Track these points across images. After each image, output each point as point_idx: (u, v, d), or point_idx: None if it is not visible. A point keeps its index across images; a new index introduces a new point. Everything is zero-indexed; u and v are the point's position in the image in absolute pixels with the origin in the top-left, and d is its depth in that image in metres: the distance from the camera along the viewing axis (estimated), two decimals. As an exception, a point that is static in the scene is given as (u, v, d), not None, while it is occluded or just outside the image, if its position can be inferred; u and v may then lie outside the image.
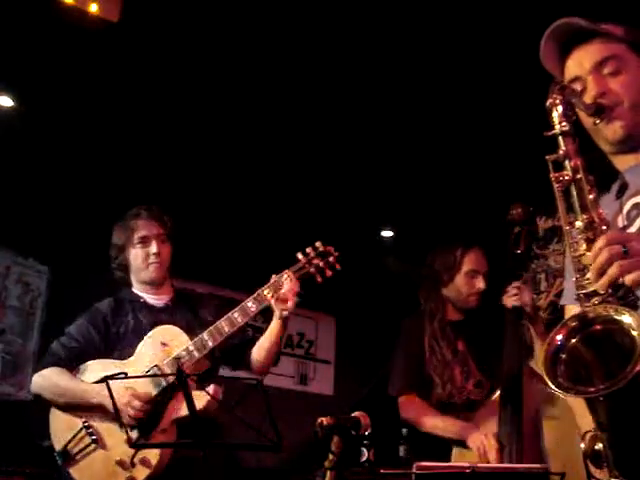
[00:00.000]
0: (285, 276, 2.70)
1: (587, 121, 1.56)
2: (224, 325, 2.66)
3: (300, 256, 2.74)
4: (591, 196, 1.42)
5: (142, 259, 2.87)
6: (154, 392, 2.63)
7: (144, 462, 2.54)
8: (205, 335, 2.66)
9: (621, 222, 1.56)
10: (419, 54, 3.95)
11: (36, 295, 5.67)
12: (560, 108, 1.48)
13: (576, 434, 2.07)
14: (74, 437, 2.64)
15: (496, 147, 4.69)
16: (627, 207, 1.57)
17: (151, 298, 2.93)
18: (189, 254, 3.36)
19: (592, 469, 1.31)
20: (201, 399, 2.40)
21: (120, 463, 2.56)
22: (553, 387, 1.28)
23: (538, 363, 1.29)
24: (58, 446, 2.68)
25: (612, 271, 1.25)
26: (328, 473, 1.89)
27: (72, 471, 2.64)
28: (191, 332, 2.73)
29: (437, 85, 4.20)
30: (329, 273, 2.74)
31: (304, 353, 7.17)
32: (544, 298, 5.40)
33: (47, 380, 2.76)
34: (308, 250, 2.74)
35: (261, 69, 4.13)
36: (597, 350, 1.31)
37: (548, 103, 1.49)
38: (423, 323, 3.02)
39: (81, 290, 5.81)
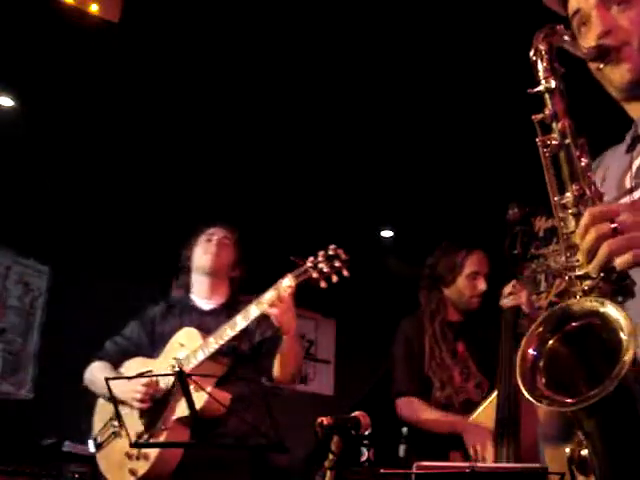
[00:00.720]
0: (286, 280, 2.64)
1: (591, 65, 1.35)
2: (227, 327, 2.69)
3: (308, 260, 2.62)
4: (582, 163, 1.23)
5: (202, 251, 2.99)
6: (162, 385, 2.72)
7: (145, 456, 2.63)
8: (211, 338, 2.70)
9: (628, 182, 1.36)
10: (419, 58, 3.96)
11: (36, 295, 5.68)
12: (546, 60, 1.27)
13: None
14: (103, 427, 2.83)
15: (495, 147, 4.69)
16: (637, 163, 1.36)
17: (201, 302, 3.01)
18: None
19: (577, 476, 1.23)
20: (201, 399, 2.43)
21: (127, 455, 2.68)
22: (531, 398, 1.11)
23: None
24: (93, 434, 2.88)
25: (601, 253, 1.08)
26: (328, 473, 1.89)
27: (98, 458, 2.83)
28: None
29: (436, 86, 4.20)
30: (335, 279, 2.59)
31: (304, 353, 7.17)
32: (544, 298, 5.40)
33: (89, 373, 2.97)
34: (318, 253, 2.62)
35: (261, 69, 4.13)
36: (579, 348, 1.15)
37: (532, 54, 1.29)
38: (422, 324, 3.02)
39: (81, 290, 5.83)
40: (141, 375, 2.71)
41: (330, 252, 2.60)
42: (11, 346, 5.46)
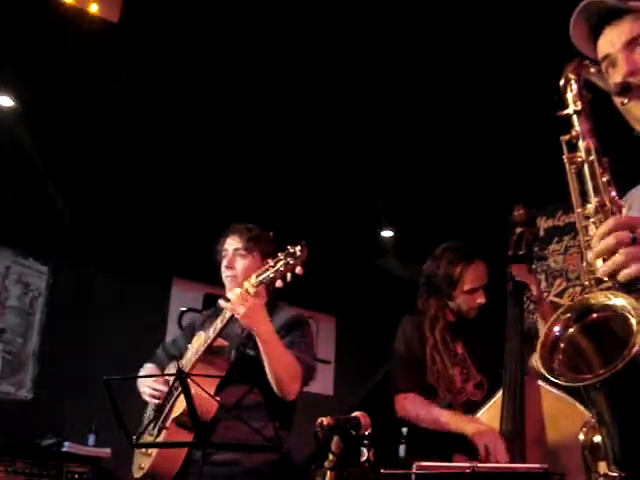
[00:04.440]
0: (249, 280, 2.60)
1: (616, 99, 1.49)
2: (211, 329, 2.73)
3: (270, 260, 2.56)
4: (604, 178, 1.37)
5: (222, 270, 2.95)
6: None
7: (148, 453, 2.72)
8: (210, 328, 2.75)
9: None
10: (421, 57, 3.95)
11: (36, 295, 5.68)
12: (575, 87, 1.46)
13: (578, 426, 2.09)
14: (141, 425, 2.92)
15: (496, 147, 4.69)
16: None
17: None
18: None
19: (590, 460, 1.29)
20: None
21: (141, 452, 2.80)
22: (546, 374, 1.23)
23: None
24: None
25: (617, 258, 1.18)
26: (328, 473, 1.89)
27: (135, 454, 2.90)
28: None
29: (437, 84, 4.20)
30: (289, 277, 2.50)
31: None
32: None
33: (139, 373, 3.05)
34: (280, 254, 2.54)
35: (260, 68, 4.13)
36: (596, 339, 1.26)
37: (562, 81, 1.47)
38: (424, 325, 3.00)
39: (81, 290, 5.84)
40: (141, 376, 2.79)
41: (290, 250, 2.52)
42: (11, 346, 5.46)
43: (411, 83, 4.20)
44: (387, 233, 6.33)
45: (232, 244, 2.95)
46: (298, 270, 2.48)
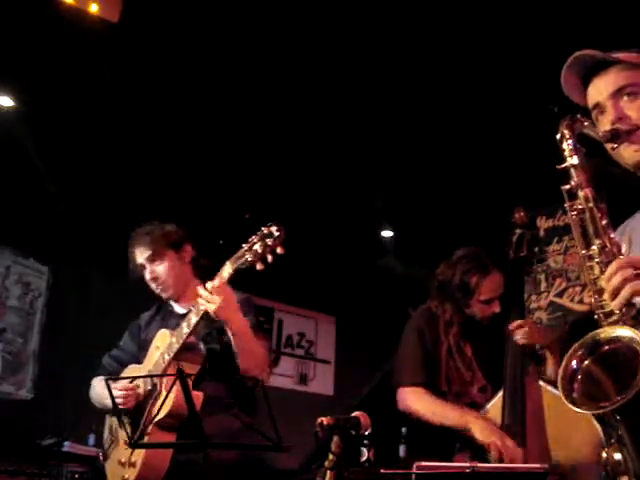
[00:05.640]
0: (224, 269, 2.52)
1: (607, 145, 1.64)
2: (184, 325, 2.63)
3: (244, 244, 2.45)
4: (603, 222, 1.53)
5: (151, 286, 2.92)
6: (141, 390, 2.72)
7: (132, 463, 2.60)
8: (173, 338, 2.66)
9: None
10: (422, 56, 3.96)
11: (36, 295, 5.68)
12: (570, 142, 1.59)
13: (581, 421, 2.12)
14: (108, 438, 2.84)
15: (495, 148, 4.69)
16: None
17: (177, 306, 2.98)
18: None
19: (612, 475, 1.41)
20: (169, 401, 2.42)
21: (120, 463, 2.67)
22: (567, 403, 1.39)
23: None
24: (105, 446, 2.85)
25: (625, 292, 1.37)
26: (328, 473, 1.89)
27: (106, 466, 2.80)
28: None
29: (438, 85, 4.20)
30: (269, 259, 2.37)
31: (304, 353, 7.17)
32: (544, 298, 5.41)
33: (92, 389, 2.97)
34: (253, 236, 2.43)
35: (261, 68, 4.13)
36: (610, 369, 1.41)
37: (558, 136, 1.61)
38: (435, 317, 2.97)
39: (81, 290, 5.83)
40: (139, 376, 2.70)
41: (265, 231, 2.40)
42: (11, 346, 5.46)
43: (412, 83, 4.20)
44: (387, 233, 6.33)
45: (142, 255, 2.89)
46: (279, 250, 2.36)
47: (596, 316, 1.48)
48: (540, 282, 5.41)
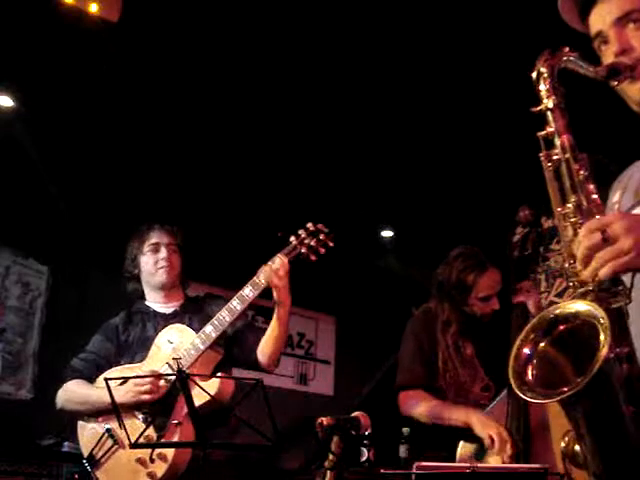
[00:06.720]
0: (277, 259, 2.71)
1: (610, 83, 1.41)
2: (225, 315, 2.71)
3: (292, 238, 2.73)
4: (581, 176, 1.31)
5: (152, 264, 2.97)
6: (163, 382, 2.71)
7: (162, 457, 2.59)
8: (208, 327, 2.72)
9: None
10: (422, 55, 3.96)
11: (36, 295, 5.67)
12: (546, 81, 1.37)
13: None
14: (98, 442, 2.74)
15: (495, 148, 4.69)
16: None
17: (160, 307, 3.01)
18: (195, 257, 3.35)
19: (570, 468, 1.29)
20: (212, 388, 2.48)
21: (140, 461, 2.63)
22: (520, 394, 1.21)
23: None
24: (86, 454, 2.78)
25: (593, 264, 1.17)
26: (328, 473, 1.89)
27: (99, 474, 2.72)
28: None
29: (438, 85, 4.20)
30: (322, 251, 2.72)
31: (304, 353, 7.17)
32: (544, 298, 5.40)
33: (68, 392, 2.92)
34: (300, 231, 2.74)
35: (261, 68, 4.13)
36: (569, 351, 1.24)
37: (534, 74, 1.38)
38: (434, 318, 2.97)
39: (81, 290, 5.83)
40: (141, 376, 2.69)
41: (311, 229, 2.72)
42: (11, 346, 5.45)
43: (412, 83, 4.20)
44: (387, 233, 6.33)
45: (162, 238, 3.00)
46: (331, 244, 2.71)
47: (570, 284, 1.28)
48: (540, 282, 5.41)
